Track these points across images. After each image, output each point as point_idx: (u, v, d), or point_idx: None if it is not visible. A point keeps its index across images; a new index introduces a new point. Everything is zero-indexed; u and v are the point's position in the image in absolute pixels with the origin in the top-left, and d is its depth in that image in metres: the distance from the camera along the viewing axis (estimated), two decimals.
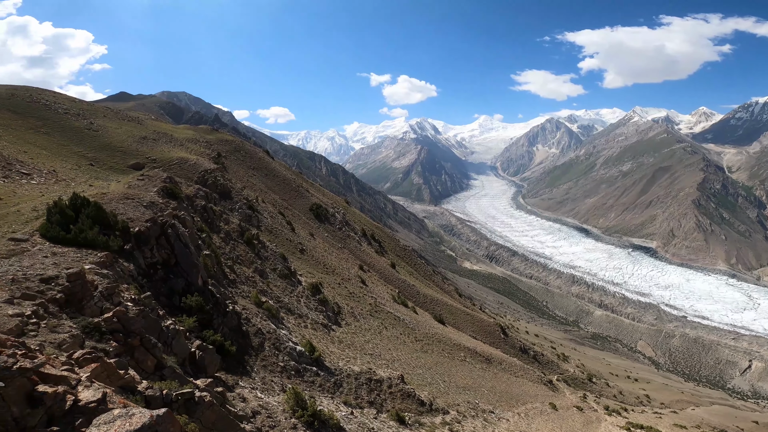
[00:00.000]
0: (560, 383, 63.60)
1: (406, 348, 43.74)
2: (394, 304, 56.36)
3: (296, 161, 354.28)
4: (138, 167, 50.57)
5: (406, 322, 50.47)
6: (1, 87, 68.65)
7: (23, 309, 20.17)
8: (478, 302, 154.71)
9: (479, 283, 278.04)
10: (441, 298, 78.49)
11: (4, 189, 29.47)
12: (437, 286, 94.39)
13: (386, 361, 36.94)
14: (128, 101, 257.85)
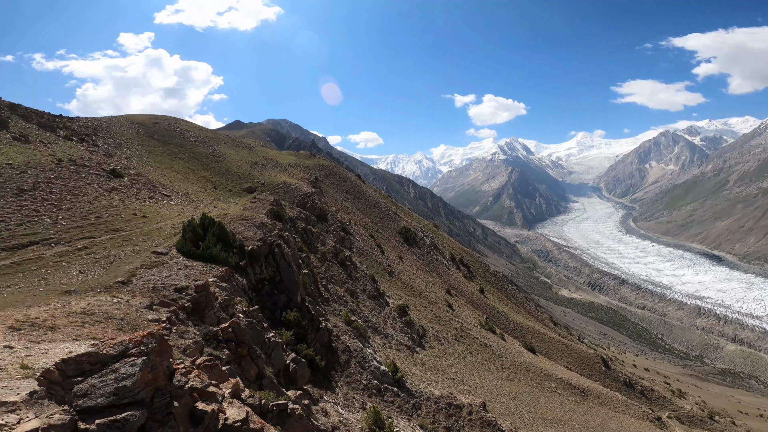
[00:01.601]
0: (672, 421, 54.76)
1: (491, 375, 42.20)
2: (480, 329, 54.73)
3: (385, 185, 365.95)
4: (251, 190, 57.13)
5: (493, 348, 48.85)
6: (146, 116, 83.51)
7: (160, 315, 23.71)
8: (576, 332, 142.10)
9: (578, 312, 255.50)
10: (533, 325, 73.81)
11: (150, 208, 35.59)
12: (529, 314, 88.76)
13: (468, 387, 35.86)
14: (241, 129, 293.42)
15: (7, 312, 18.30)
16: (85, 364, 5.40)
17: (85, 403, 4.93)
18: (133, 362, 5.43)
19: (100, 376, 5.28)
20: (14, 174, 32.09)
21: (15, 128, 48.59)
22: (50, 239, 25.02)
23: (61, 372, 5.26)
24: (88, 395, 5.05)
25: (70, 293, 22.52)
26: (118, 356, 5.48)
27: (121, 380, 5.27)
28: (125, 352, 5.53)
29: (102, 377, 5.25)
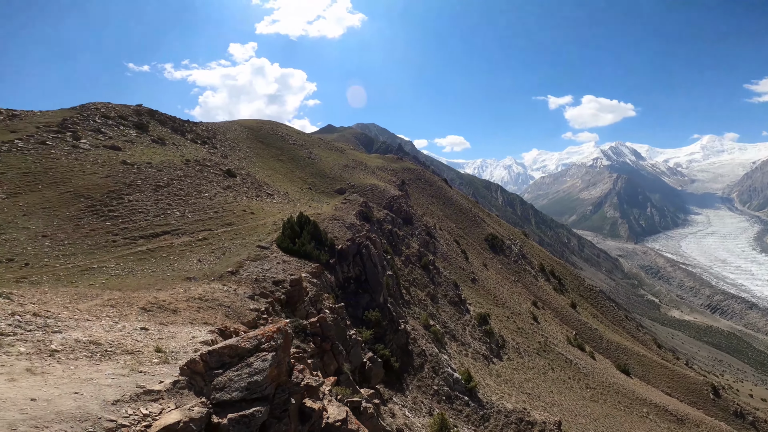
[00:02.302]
0: None
1: (572, 394, 39.52)
2: (567, 345, 51.41)
3: (471, 190, 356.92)
4: (341, 192, 60.22)
5: (579, 366, 45.85)
6: (253, 121, 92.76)
7: (260, 305, 25.97)
8: (684, 356, 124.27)
9: (690, 335, 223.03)
10: (630, 346, 66.64)
11: (257, 205, 39.50)
12: (628, 333, 79.97)
13: (545, 404, 34.05)
14: (333, 132, 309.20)
15: (141, 294, 21.70)
16: (226, 356, 5.49)
17: (221, 396, 5.00)
18: (264, 357, 5.47)
19: (236, 370, 5.35)
20: (153, 172, 38.13)
21: (153, 131, 57.73)
22: (178, 230, 29.20)
23: (205, 363, 5.36)
24: (225, 388, 5.13)
25: (190, 279, 25.92)
26: (253, 350, 5.53)
27: (253, 375, 5.31)
28: (258, 347, 5.56)
29: (238, 371, 5.32)
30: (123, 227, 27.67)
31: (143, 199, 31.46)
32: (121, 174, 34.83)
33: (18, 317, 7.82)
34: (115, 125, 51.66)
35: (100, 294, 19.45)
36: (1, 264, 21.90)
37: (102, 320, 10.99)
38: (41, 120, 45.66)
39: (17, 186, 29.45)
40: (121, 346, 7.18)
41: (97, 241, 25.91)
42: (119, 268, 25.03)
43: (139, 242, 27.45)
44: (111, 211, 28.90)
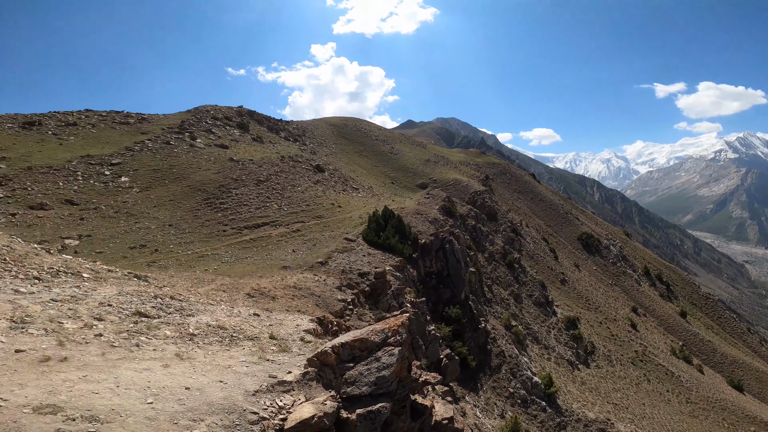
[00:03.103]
0: None
1: (668, 408, 36.10)
2: (670, 356, 46.74)
3: (563, 185, 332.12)
4: (423, 186, 60.23)
5: (682, 379, 41.85)
6: (338, 118, 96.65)
7: (346, 296, 27.13)
8: None
9: None
10: (750, 361, 57.62)
11: (343, 199, 41.33)
12: (749, 348, 68.86)
13: (632, 416, 31.61)
14: (413, 128, 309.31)
15: (246, 280, 23.96)
16: (357, 350, 5.46)
17: (352, 391, 5.01)
18: (391, 351, 5.36)
19: (366, 364, 5.30)
20: (254, 168, 41.92)
21: (253, 130, 63.35)
22: (276, 222, 31.79)
23: (337, 356, 5.38)
24: (355, 383, 5.12)
25: (286, 268, 28.04)
26: (380, 344, 5.44)
27: (381, 369, 5.22)
28: (385, 341, 5.47)
29: (368, 365, 5.28)
30: (231, 218, 30.85)
31: (247, 193, 34.72)
32: (229, 170, 38.82)
33: (159, 300, 9.13)
34: (222, 125, 57.65)
35: (214, 279, 21.97)
36: (136, 249, 25.83)
37: (221, 305, 12.27)
38: (164, 122, 52.75)
39: (148, 181, 34.48)
40: (242, 332, 8.01)
41: (210, 231, 29.27)
42: (228, 256, 27.99)
43: (244, 232, 30.31)
44: (222, 203, 32.41)
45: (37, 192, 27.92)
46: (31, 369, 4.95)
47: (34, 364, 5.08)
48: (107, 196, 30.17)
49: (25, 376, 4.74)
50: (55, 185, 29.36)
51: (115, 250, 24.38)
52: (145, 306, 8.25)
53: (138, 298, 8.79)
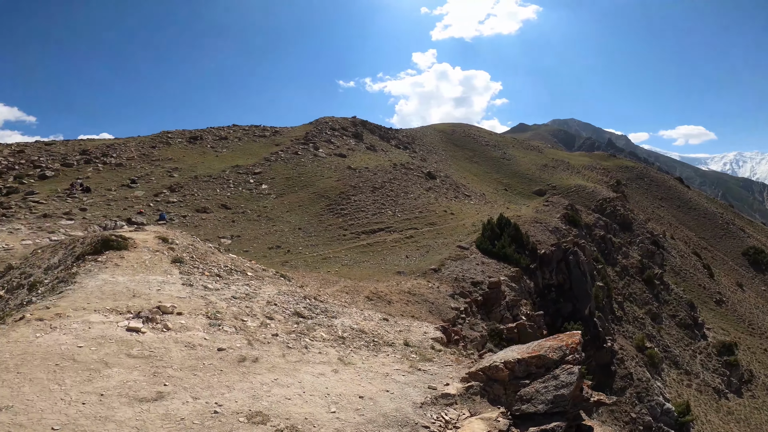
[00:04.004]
0: None
1: None
2: None
3: (720, 191, 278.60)
4: (540, 193, 56.31)
5: None
6: (445, 125, 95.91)
7: (459, 304, 26.75)
8: None
9: None
10: None
11: (456, 206, 40.93)
12: None
13: None
14: (525, 131, 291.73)
15: (364, 283, 25.14)
16: (533, 366, 5.35)
17: (527, 408, 4.89)
18: (570, 370, 5.15)
19: (543, 381, 5.12)
20: (370, 175, 44.19)
21: (366, 139, 66.91)
22: (390, 227, 32.97)
23: (511, 372, 5.32)
24: (531, 400, 4.97)
25: (400, 274, 28.80)
26: (558, 362, 5.31)
27: (560, 388, 5.04)
28: (563, 358, 5.34)
29: (545, 382, 5.10)
30: (350, 223, 32.94)
31: (364, 199, 36.72)
32: (348, 178, 41.59)
33: (308, 301, 10.10)
34: (339, 135, 62.10)
35: (337, 281, 23.64)
36: (273, 249, 29.17)
37: (351, 307, 13.03)
38: (292, 134, 58.95)
39: (282, 188, 38.87)
40: (380, 337, 8.41)
41: (333, 235, 31.65)
42: (347, 259, 29.88)
43: (361, 237, 32.04)
44: (342, 209, 34.86)
45: (201, 198, 33.66)
46: (233, 369, 5.59)
47: (234, 363, 5.76)
48: (252, 202, 34.88)
49: (230, 378, 5.33)
50: (214, 192, 35.04)
51: (258, 249, 27.89)
52: (299, 306, 9.17)
53: (292, 297, 9.83)
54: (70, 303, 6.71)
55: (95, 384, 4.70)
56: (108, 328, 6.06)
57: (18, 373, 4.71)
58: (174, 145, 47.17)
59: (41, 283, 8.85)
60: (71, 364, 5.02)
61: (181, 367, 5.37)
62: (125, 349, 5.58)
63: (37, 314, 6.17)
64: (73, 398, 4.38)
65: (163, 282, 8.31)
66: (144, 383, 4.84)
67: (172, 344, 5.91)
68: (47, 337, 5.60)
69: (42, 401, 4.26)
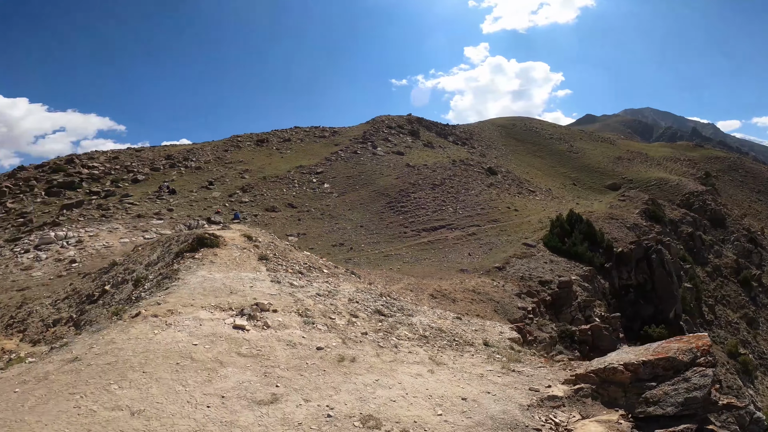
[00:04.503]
0: None
1: None
2: None
3: None
4: (614, 187, 52.18)
5: None
6: (504, 119, 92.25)
7: (526, 304, 25.63)
8: None
9: None
10: None
11: (519, 202, 39.27)
12: None
13: None
14: (594, 122, 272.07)
15: (427, 281, 24.90)
16: (660, 368, 5.18)
17: (654, 411, 4.70)
18: (703, 372, 4.99)
19: (673, 384, 4.93)
20: (428, 172, 43.81)
21: (423, 136, 66.41)
22: (451, 224, 32.41)
23: (633, 374, 5.08)
24: (659, 403, 4.78)
25: (463, 272, 28.19)
26: (689, 364, 5.15)
27: (692, 390, 4.88)
28: (694, 361, 5.18)
29: (675, 385, 4.91)
30: (411, 221, 32.88)
31: (424, 197, 36.47)
32: (407, 175, 41.57)
33: (384, 299, 10.17)
34: (396, 133, 62.27)
35: (401, 278, 23.68)
36: (336, 246, 29.92)
37: (422, 305, 12.89)
38: (350, 134, 60.16)
39: (343, 187, 39.81)
40: (459, 336, 8.23)
41: (393, 232, 31.80)
42: (408, 256, 29.85)
43: (422, 234, 31.83)
44: (402, 206, 34.91)
45: (270, 197, 35.51)
46: (335, 369, 5.69)
47: (334, 363, 5.87)
48: (315, 200, 36.14)
49: (333, 378, 5.43)
50: (281, 191, 36.81)
51: (322, 246, 28.78)
52: (377, 304, 9.24)
53: (369, 295, 9.95)
54: (177, 299, 7.19)
55: (215, 385, 4.87)
56: (217, 326, 6.35)
57: (143, 373, 4.95)
58: (244, 148, 50.25)
59: (146, 279, 9.71)
60: (190, 363, 5.25)
61: (288, 367, 5.53)
62: (235, 348, 5.80)
63: (151, 310, 6.61)
64: (198, 401, 4.52)
65: (254, 279, 8.72)
66: (258, 384, 4.99)
67: (275, 343, 6.13)
68: (164, 334, 5.93)
69: (171, 404, 4.43)
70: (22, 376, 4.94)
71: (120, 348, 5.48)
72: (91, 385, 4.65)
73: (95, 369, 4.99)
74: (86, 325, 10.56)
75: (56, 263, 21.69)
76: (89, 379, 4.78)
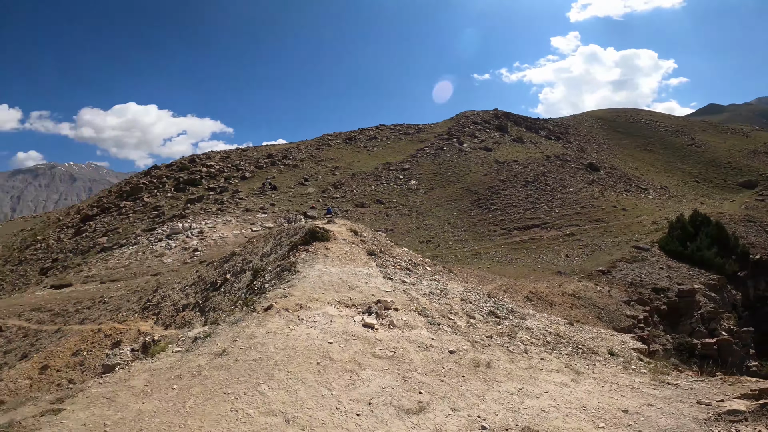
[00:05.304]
0: None
1: None
2: None
3: None
4: (749, 185, 44.15)
5: None
6: (605, 111, 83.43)
7: (636, 312, 23.03)
8: None
9: None
10: None
11: (628, 201, 35.27)
12: None
13: None
14: (720, 113, 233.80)
15: (522, 282, 23.56)
16: None
17: None
18: None
19: None
20: (520, 168, 41.51)
21: (512, 132, 63.09)
22: (546, 224, 30.28)
23: None
24: None
25: (560, 274, 26.21)
26: None
27: None
28: None
29: None
30: (501, 219, 31.47)
31: (515, 194, 34.66)
32: (496, 172, 39.90)
33: (493, 300, 9.71)
34: (483, 129, 60.10)
35: (493, 278, 22.74)
36: (424, 243, 29.79)
37: (527, 308, 12.11)
38: (435, 130, 59.52)
39: (430, 183, 39.54)
40: (581, 343, 7.50)
41: (482, 230, 30.72)
42: (498, 256, 28.59)
43: (513, 233, 30.28)
44: (492, 204, 33.58)
45: (359, 193, 36.69)
46: (474, 375, 5.47)
47: (471, 369, 5.67)
48: (402, 197, 36.47)
49: (475, 385, 5.21)
50: (369, 188, 37.82)
51: (410, 243, 28.88)
52: (487, 305, 8.88)
53: (478, 295, 9.61)
54: (301, 293, 7.47)
55: (359, 389, 4.85)
56: (347, 323, 6.44)
57: (288, 372, 5.05)
58: (334, 147, 52.67)
59: (264, 270, 10.42)
60: (330, 363, 5.31)
61: (425, 372, 5.40)
62: (369, 348, 5.81)
63: (281, 303, 6.87)
64: (347, 407, 4.50)
65: (367, 274, 8.85)
66: (401, 390, 4.89)
67: (407, 344, 6.06)
68: (298, 330, 6.07)
69: (320, 410, 4.41)
70: (176, 370, 5.15)
71: (262, 343, 5.69)
72: (242, 384, 4.78)
73: (243, 366, 5.16)
74: (210, 312, 11.65)
75: (182, 251, 24.81)
76: (239, 377, 4.93)
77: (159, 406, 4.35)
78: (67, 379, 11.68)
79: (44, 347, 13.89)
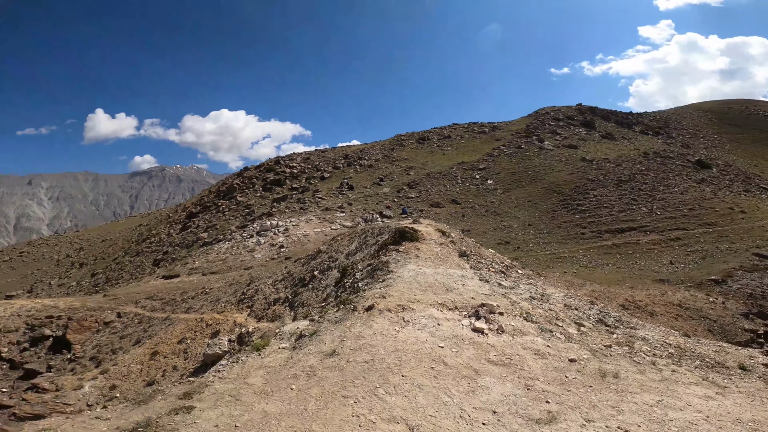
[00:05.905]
0: None
1: None
2: None
3: None
4: None
5: None
6: (713, 103, 72.85)
7: (756, 326, 20.05)
8: None
9: None
10: None
11: (748, 203, 30.41)
12: None
13: None
14: None
15: (615, 290, 21.48)
16: None
17: None
18: None
19: None
20: (611, 167, 37.96)
21: (600, 127, 57.93)
22: (645, 227, 27.27)
23: None
24: None
25: (663, 282, 23.47)
26: None
27: None
28: None
29: None
30: (590, 221, 29.05)
31: (606, 194, 31.82)
32: (583, 170, 36.97)
33: (597, 307, 8.90)
34: (565, 125, 56.09)
35: (582, 284, 21.05)
36: (502, 245, 28.53)
37: (633, 317, 11.02)
38: (511, 128, 56.86)
39: (508, 183, 37.84)
40: (706, 356, 6.60)
41: (568, 233, 28.62)
42: (586, 260, 26.40)
43: (605, 236, 27.82)
44: (579, 205, 31.16)
45: (434, 193, 36.32)
46: (602, 386, 5.09)
47: (598, 378, 5.28)
48: (479, 197, 35.37)
49: (607, 396, 4.84)
50: (444, 188, 37.28)
51: (487, 244, 27.83)
52: (592, 312, 8.23)
53: (579, 301, 8.96)
54: (399, 293, 7.37)
55: (480, 397, 4.66)
56: (455, 327, 6.25)
57: (403, 377, 4.93)
58: (407, 147, 52.84)
59: (353, 268, 10.57)
60: (444, 368, 5.16)
61: (547, 380, 5.14)
62: (483, 354, 5.59)
63: (381, 303, 6.80)
64: (471, 416, 4.30)
65: (462, 276, 8.60)
66: (525, 399, 4.67)
67: (521, 350, 5.81)
68: (405, 332, 5.96)
69: (444, 418, 4.24)
70: (290, 369, 5.21)
71: (371, 345, 5.64)
72: (359, 387, 4.75)
73: (356, 368, 5.15)
74: (299, 307, 12.09)
75: (270, 247, 26.55)
76: (354, 379, 4.91)
77: (282, 408, 4.44)
78: (171, 366, 12.83)
79: (155, 333, 15.53)
